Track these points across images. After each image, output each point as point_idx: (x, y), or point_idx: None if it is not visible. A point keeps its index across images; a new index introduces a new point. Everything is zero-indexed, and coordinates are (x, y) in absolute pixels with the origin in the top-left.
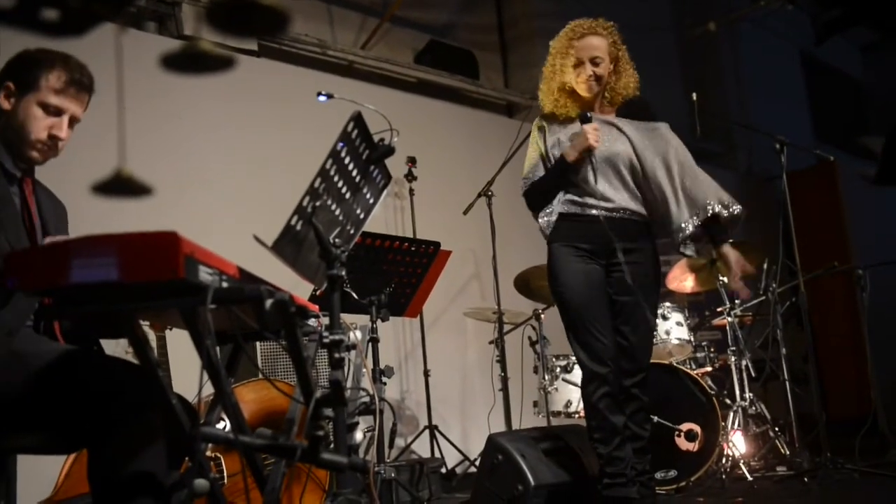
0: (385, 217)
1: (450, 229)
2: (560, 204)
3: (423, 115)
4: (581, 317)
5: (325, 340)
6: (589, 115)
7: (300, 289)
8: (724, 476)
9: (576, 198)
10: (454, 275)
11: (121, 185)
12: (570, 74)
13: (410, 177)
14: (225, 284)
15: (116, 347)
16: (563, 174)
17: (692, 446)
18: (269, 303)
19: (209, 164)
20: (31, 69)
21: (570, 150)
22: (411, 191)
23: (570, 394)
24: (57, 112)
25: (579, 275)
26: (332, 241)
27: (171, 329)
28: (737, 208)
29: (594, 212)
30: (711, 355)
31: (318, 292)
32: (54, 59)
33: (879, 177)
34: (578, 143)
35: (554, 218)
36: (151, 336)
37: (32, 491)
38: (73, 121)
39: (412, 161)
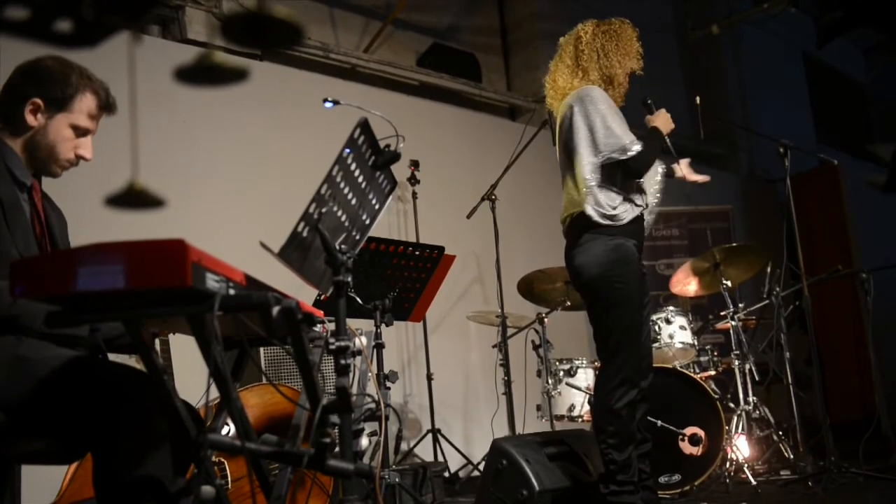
0: (388, 220)
1: (453, 233)
2: (633, 209)
3: (425, 119)
4: (637, 319)
5: (331, 347)
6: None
7: (303, 293)
8: (727, 480)
9: (638, 192)
10: (457, 278)
11: (134, 198)
12: (637, 63)
13: (413, 180)
14: (232, 291)
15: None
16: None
17: (696, 450)
18: (276, 310)
19: (213, 168)
20: (63, 88)
21: (663, 126)
22: (414, 194)
23: (573, 398)
24: (84, 133)
25: (639, 275)
26: (338, 247)
27: (174, 333)
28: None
29: (645, 209)
30: (715, 359)
31: (322, 297)
32: (83, 80)
33: (889, 185)
34: (669, 122)
35: (631, 214)
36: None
37: (37, 496)
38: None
39: (415, 164)
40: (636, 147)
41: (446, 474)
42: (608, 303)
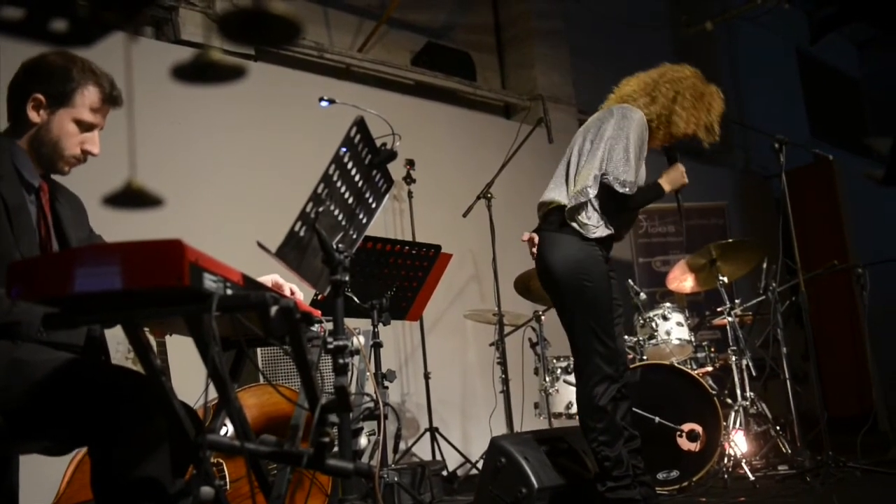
0: (384, 220)
1: (449, 231)
2: (606, 230)
3: (420, 118)
4: (607, 318)
5: (330, 346)
6: (677, 155)
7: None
8: (726, 476)
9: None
10: (454, 277)
11: (132, 197)
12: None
13: (409, 179)
14: (229, 292)
15: (116, 354)
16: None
17: (694, 446)
18: (274, 310)
19: (209, 168)
20: (64, 82)
21: (669, 184)
22: (410, 193)
23: (570, 395)
24: (90, 127)
25: (607, 276)
26: (335, 246)
27: (171, 335)
28: None
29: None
30: (712, 355)
31: (319, 297)
32: (85, 73)
33: (888, 178)
34: (679, 180)
35: (602, 233)
36: (151, 341)
37: (35, 498)
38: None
39: (410, 164)
40: (630, 188)
41: (445, 473)
42: (580, 302)
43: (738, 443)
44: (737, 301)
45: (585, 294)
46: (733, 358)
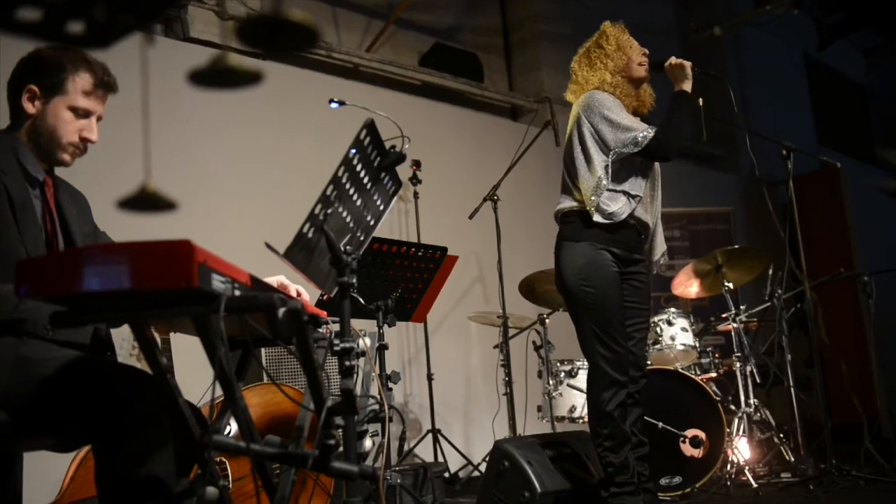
0: (389, 220)
1: (454, 233)
2: (631, 203)
3: (427, 119)
4: (612, 323)
5: (336, 348)
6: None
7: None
8: (728, 482)
9: (639, 195)
10: (458, 279)
11: (146, 201)
12: (636, 53)
13: (415, 180)
14: (237, 293)
15: (121, 351)
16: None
17: (697, 452)
18: (281, 311)
19: (217, 168)
20: (55, 72)
21: (680, 83)
22: (416, 194)
23: (574, 399)
24: (86, 114)
25: (613, 280)
26: (343, 248)
27: (175, 332)
28: None
29: (644, 218)
30: (716, 361)
31: (325, 297)
32: (76, 61)
33: None
34: (684, 73)
35: (625, 215)
36: (156, 338)
37: (38, 494)
38: (97, 119)
39: (417, 165)
40: (648, 133)
41: (447, 475)
42: (582, 307)
43: (742, 449)
44: (742, 307)
45: (586, 299)
46: (737, 364)
